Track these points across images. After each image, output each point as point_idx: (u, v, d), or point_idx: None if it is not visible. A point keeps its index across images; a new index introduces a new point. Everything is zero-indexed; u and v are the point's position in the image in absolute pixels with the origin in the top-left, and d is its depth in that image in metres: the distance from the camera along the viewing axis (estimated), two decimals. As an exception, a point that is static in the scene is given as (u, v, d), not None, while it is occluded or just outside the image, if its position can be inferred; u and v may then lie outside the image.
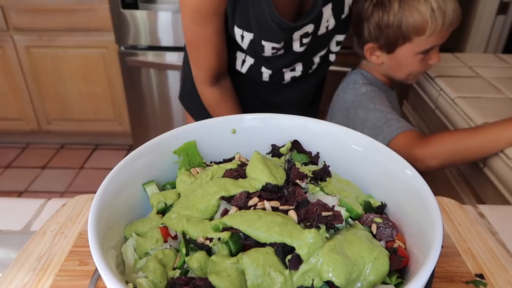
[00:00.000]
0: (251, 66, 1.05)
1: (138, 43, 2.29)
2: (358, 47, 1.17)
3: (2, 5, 2.31)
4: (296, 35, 0.95)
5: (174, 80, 2.36)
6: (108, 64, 2.46)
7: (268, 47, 0.95)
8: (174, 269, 0.43)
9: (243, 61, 1.05)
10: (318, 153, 0.58)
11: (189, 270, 0.42)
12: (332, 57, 1.13)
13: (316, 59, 1.08)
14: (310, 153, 0.58)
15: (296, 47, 0.99)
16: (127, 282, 0.41)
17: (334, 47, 1.10)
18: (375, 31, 1.08)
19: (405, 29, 1.03)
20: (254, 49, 0.98)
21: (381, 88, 1.16)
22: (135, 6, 2.17)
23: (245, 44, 0.97)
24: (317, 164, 0.57)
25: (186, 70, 1.22)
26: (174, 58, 2.28)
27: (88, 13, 2.31)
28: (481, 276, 0.56)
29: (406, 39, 1.05)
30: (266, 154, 0.58)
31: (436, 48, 1.08)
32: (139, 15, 2.20)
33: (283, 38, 0.94)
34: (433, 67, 1.33)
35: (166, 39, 2.27)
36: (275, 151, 0.58)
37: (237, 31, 0.95)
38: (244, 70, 1.07)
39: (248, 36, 0.95)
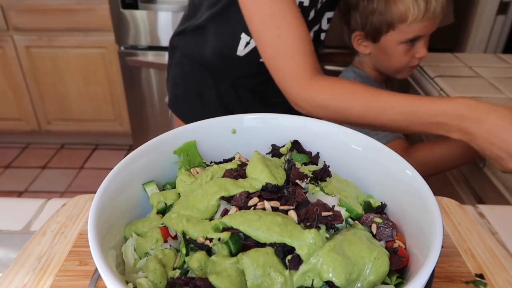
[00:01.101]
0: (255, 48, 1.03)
1: (138, 43, 2.29)
2: (347, 38, 1.19)
3: (2, 5, 2.31)
4: None
5: (174, 80, 2.35)
6: (108, 64, 2.46)
7: None
8: (174, 269, 0.43)
9: (247, 43, 1.04)
10: (318, 153, 0.58)
11: (189, 270, 0.42)
12: (323, 36, 1.13)
13: (310, 34, 1.08)
14: (310, 153, 0.58)
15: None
16: (127, 282, 0.41)
17: (325, 25, 1.11)
18: (361, 18, 1.10)
19: (388, 16, 1.05)
20: None
21: (372, 85, 1.16)
22: (135, 6, 2.17)
23: None
24: (317, 164, 0.57)
25: (173, 74, 1.19)
26: (174, 58, 2.28)
27: (88, 13, 2.31)
28: (481, 276, 0.56)
29: (390, 27, 1.06)
30: (266, 154, 0.58)
31: (422, 41, 1.09)
32: (139, 15, 2.20)
33: None
34: (433, 67, 1.33)
35: (166, 39, 2.27)
36: (275, 151, 0.58)
37: None
38: (246, 51, 1.05)
39: None
